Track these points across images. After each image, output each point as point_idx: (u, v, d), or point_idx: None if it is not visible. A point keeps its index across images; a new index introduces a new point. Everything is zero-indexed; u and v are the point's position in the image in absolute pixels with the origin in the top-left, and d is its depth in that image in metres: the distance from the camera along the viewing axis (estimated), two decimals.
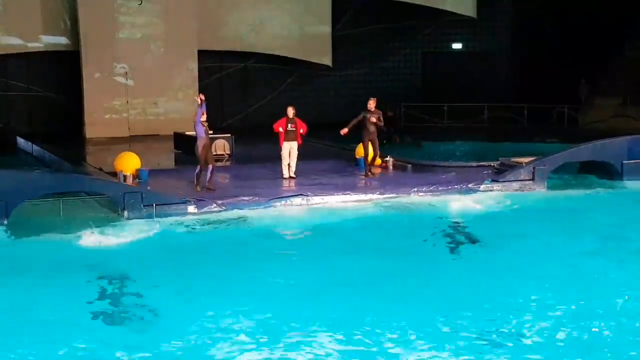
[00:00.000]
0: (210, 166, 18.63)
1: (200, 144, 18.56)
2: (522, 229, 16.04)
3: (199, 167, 18.67)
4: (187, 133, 23.40)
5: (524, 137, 28.96)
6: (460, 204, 18.30)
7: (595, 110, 32.62)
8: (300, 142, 20.45)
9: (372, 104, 20.86)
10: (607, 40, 31.89)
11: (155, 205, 17.00)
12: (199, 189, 18.54)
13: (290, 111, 20.39)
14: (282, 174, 20.39)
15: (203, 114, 18.53)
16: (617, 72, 32.29)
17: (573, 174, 21.79)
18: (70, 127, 30.32)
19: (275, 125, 20.48)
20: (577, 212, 17.73)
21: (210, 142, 19.33)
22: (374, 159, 21.17)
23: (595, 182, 21.23)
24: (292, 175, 20.39)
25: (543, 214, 17.70)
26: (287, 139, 20.26)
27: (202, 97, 18.96)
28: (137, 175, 19.84)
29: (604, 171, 21.62)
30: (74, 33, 30.68)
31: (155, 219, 16.61)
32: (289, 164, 20.45)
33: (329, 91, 34.66)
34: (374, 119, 20.63)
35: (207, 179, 18.69)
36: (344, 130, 20.92)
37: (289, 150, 20.36)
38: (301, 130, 20.49)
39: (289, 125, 20.27)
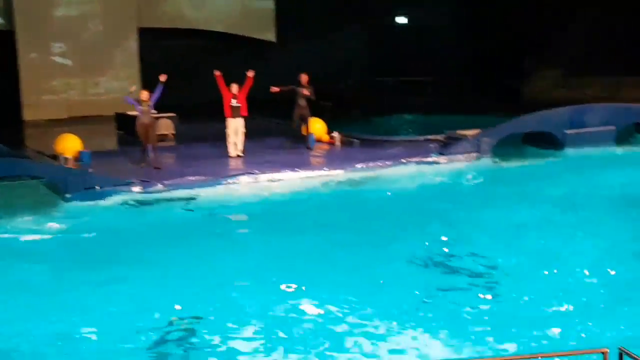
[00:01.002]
0: (150, 145, 18.46)
1: (137, 122, 18.58)
2: (469, 199, 16.13)
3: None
4: (129, 113, 22.97)
5: (470, 110, 29.08)
6: (408, 177, 18.33)
7: (539, 82, 32.90)
8: (246, 114, 20.26)
9: (304, 77, 21.21)
10: (550, 11, 32.10)
11: (99, 187, 16.68)
12: (142, 165, 18.37)
13: (234, 88, 20.16)
14: (229, 153, 20.15)
15: (141, 94, 18.63)
16: (560, 44, 32.57)
17: (518, 145, 21.96)
18: (7, 109, 29.58)
19: (223, 88, 20.21)
20: (522, 182, 17.90)
21: (151, 121, 18.99)
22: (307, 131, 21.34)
23: (539, 152, 21.45)
24: (240, 153, 20.19)
25: (489, 185, 17.81)
26: (233, 115, 20.03)
27: (164, 77, 19.10)
28: (78, 157, 19.45)
29: (547, 141, 21.83)
30: (8, 12, 29.87)
31: (99, 201, 16.30)
32: (235, 143, 20.22)
33: (274, 67, 34.37)
34: (306, 92, 20.87)
35: (152, 158, 18.48)
36: (274, 89, 20.97)
37: (235, 128, 20.14)
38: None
39: (233, 101, 20.05)
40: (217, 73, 20.06)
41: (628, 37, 29.79)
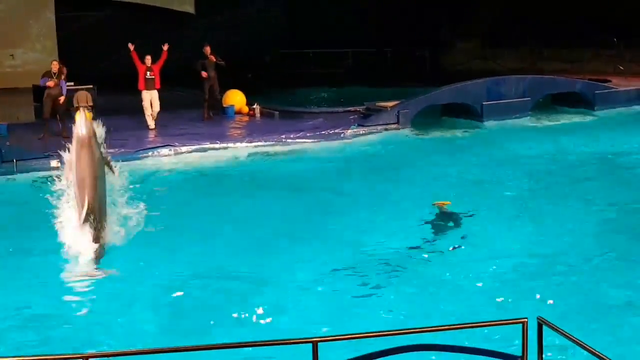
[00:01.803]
0: (58, 116, 18.55)
1: (45, 93, 19.05)
2: (386, 172, 16.27)
3: None
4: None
5: (389, 82, 29.32)
6: (327, 148, 18.51)
7: (457, 53, 33.38)
8: (159, 86, 20.29)
9: (208, 49, 21.67)
10: None
11: (16, 160, 16.45)
12: (40, 137, 18.66)
13: (148, 60, 20.21)
14: (148, 125, 20.13)
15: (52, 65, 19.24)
16: (476, 15, 33.02)
17: (437, 117, 22.29)
18: None
19: (137, 62, 20.19)
20: (440, 153, 18.17)
21: (58, 92, 18.98)
22: (211, 102, 21.40)
23: (457, 123, 21.81)
24: (153, 125, 20.29)
25: (408, 155, 18.06)
26: (147, 88, 20.09)
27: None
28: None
29: (465, 112, 22.22)
30: None
31: (16, 175, 16.08)
32: (151, 114, 20.22)
33: (193, 38, 34.03)
34: (213, 59, 21.41)
35: (61, 128, 18.50)
36: (204, 74, 21.29)
37: (150, 99, 20.16)
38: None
39: (148, 73, 20.10)
40: (130, 46, 20.00)
41: (543, 8, 30.33)
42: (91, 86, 23.83)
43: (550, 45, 30.54)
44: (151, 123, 20.15)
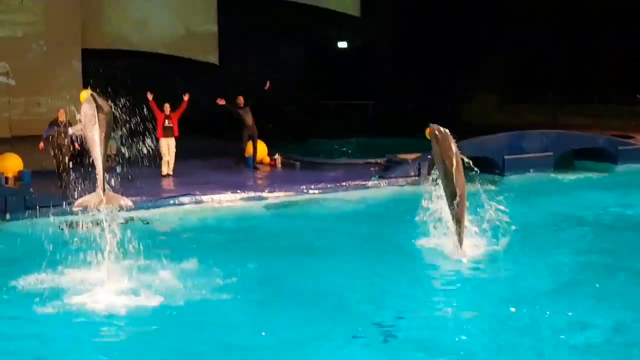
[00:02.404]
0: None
1: (52, 142, 18.61)
2: (406, 226, 16.13)
3: None
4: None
5: (409, 134, 29.35)
6: (347, 200, 18.53)
7: (477, 106, 33.47)
8: (177, 134, 20.79)
9: (241, 100, 22.05)
10: (486, 36, 32.68)
11: (39, 207, 16.59)
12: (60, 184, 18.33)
13: (167, 108, 20.63)
14: (162, 172, 20.49)
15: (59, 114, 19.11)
16: (497, 68, 33.15)
17: None
18: None
19: (156, 111, 20.48)
20: None
21: (62, 141, 18.83)
22: (255, 153, 21.53)
23: (479, 177, 21.72)
24: (170, 172, 20.58)
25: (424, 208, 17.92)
26: (165, 136, 20.48)
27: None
28: (19, 176, 19.36)
29: (486, 166, 22.14)
30: None
31: (39, 221, 16.19)
32: (167, 161, 20.53)
33: (215, 88, 34.36)
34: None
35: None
36: (221, 101, 21.83)
37: (167, 147, 20.48)
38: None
39: (166, 121, 20.53)
40: (149, 96, 20.37)
41: (564, 63, 30.42)
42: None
43: (572, 100, 30.57)
44: (165, 170, 20.53)
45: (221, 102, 21.48)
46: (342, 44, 38.31)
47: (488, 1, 32.79)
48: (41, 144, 18.73)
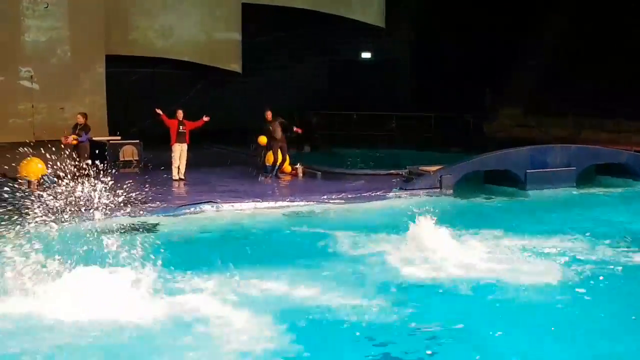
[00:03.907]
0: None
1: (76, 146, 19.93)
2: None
3: None
4: (95, 139, 23.05)
5: (431, 146, 29.41)
6: (368, 211, 18.49)
7: (499, 120, 33.43)
8: (189, 142, 21.10)
9: (269, 114, 21.91)
10: (509, 51, 32.62)
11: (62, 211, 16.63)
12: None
13: (180, 114, 20.89)
14: (173, 176, 20.71)
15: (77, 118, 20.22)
16: (519, 82, 33.08)
17: (479, 183, 22.19)
18: None
19: (168, 122, 20.71)
20: (483, 218, 17.99)
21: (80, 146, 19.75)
22: (282, 164, 21.58)
23: (500, 190, 21.68)
24: (182, 177, 20.88)
25: (452, 221, 17.83)
26: (178, 141, 20.71)
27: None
28: (41, 181, 19.47)
29: (508, 180, 22.10)
30: None
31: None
32: (178, 166, 20.88)
33: (237, 97, 34.49)
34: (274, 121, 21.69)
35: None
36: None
37: (180, 152, 20.67)
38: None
39: (180, 127, 20.79)
40: (158, 111, 20.62)
41: (588, 78, 30.28)
42: (137, 141, 24.25)
43: (595, 115, 30.42)
44: (176, 174, 20.74)
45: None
46: (366, 55, 38.33)
47: (510, 15, 32.75)
48: (73, 140, 19.15)
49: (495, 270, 13.25)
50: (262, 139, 21.64)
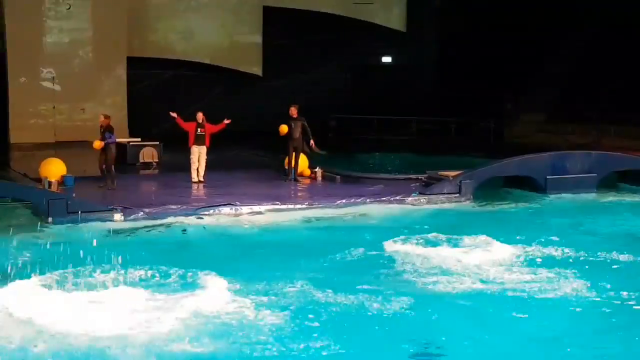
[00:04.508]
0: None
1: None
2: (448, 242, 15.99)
3: None
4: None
5: (451, 151, 29.32)
6: (387, 215, 18.44)
7: (520, 126, 33.33)
8: (208, 145, 20.96)
9: (293, 110, 21.55)
10: (531, 57, 32.53)
11: (81, 212, 16.72)
12: (101, 186, 19.75)
13: (200, 116, 20.82)
14: (192, 178, 20.70)
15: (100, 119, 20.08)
16: (541, 89, 32.97)
17: (499, 188, 22.09)
18: None
19: (184, 125, 20.72)
20: (502, 224, 17.86)
21: (107, 147, 19.66)
22: (296, 166, 21.54)
23: (520, 196, 21.57)
24: (201, 179, 20.91)
25: (468, 227, 17.75)
26: (197, 143, 20.73)
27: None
28: (62, 181, 19.59)
29: (528, 185, 22.00)
30: (0, 36, 30.09)
31: (80, 226, 16.34)
32: (197, 169, 20.86)
33: (258, 100, 34.58)
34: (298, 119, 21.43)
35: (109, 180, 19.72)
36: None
37: (198, 155, 20.67)
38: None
39: (198, 129, 20.82)
40: (173, 114, 20.65)
41: (609, 85, 30.15)
42: (157, 143, 24.35)
43: (617, 122, 30.26)
44: (195, 176, 20.72)
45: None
46: (387, 59, 38.30)
47: (532, 21, 32.64)
48: (100, 144, 19.19)
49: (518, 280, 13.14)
50: (284, 128, 21.37)
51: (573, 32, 31.84)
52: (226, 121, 20.98)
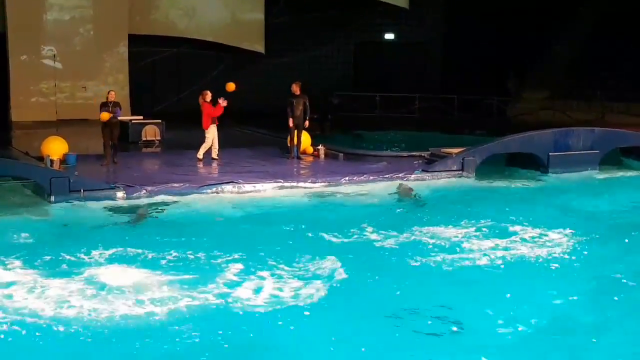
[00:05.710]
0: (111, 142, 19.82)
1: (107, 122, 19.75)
2: (448, 218, 15.97)
3: None
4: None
5: (454, 128, 29.28)
6: (390, 193, 18.44)
7: (523, 103, 33.25)
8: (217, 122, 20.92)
9: (296, 87, 21.36)
10: (535, 35, 32.40)
11: (83, 190, 16.71)
12: (104, 164, 19.70)
13: (208, 96, 20.60)
14: (212, 156, 20.76)
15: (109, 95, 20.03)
16: (545, 67, 32.87)
17: (501, 165, 22.06)
18: None
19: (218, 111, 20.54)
20: (504, 202, 17.85)
21: (113, 121, 19.73)
22: (299, 144, 21.48)
23: (523, 173, 21.56)
24: (216, 157, 20.67)
25: (470, 203, 17.74)
26: (214, 122, 20.58)
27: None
28: (64, 159, 19.55)
29: (531, 163, 21.96)
30: (1, 14, 29.97)
31: (82, 204, 16.34)
32: (212, 147, 20.84)
33: (260, 78, 34.47)
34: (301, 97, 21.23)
35: (112, 154, 19.86)
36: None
37: (214, 134, 20.76)
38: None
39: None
40: (224, 104, 20.33)
41: (613, 61, 30.06)
42: (160, 121, 24.32)
43: (620, 99, 30.18)
44: (215, 154, 20.59)
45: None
46: (390, 36, 38.16)
47: (537, 2, 32.51)
48: (108, 115, 19.36)
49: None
50: (230, 85, 20.94)
51: (579, 9, 31.70)
52: (223, 103, 20.62)
